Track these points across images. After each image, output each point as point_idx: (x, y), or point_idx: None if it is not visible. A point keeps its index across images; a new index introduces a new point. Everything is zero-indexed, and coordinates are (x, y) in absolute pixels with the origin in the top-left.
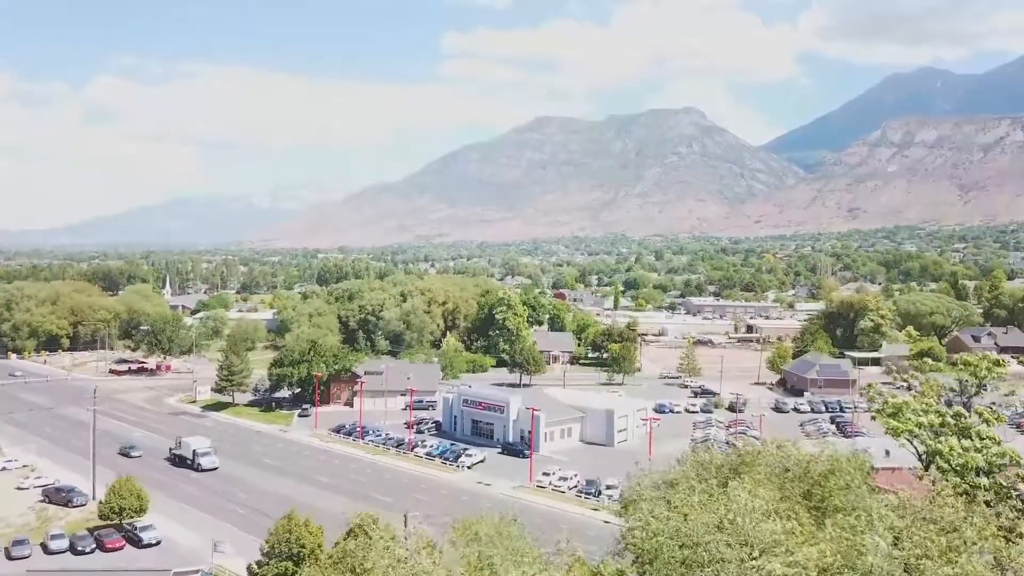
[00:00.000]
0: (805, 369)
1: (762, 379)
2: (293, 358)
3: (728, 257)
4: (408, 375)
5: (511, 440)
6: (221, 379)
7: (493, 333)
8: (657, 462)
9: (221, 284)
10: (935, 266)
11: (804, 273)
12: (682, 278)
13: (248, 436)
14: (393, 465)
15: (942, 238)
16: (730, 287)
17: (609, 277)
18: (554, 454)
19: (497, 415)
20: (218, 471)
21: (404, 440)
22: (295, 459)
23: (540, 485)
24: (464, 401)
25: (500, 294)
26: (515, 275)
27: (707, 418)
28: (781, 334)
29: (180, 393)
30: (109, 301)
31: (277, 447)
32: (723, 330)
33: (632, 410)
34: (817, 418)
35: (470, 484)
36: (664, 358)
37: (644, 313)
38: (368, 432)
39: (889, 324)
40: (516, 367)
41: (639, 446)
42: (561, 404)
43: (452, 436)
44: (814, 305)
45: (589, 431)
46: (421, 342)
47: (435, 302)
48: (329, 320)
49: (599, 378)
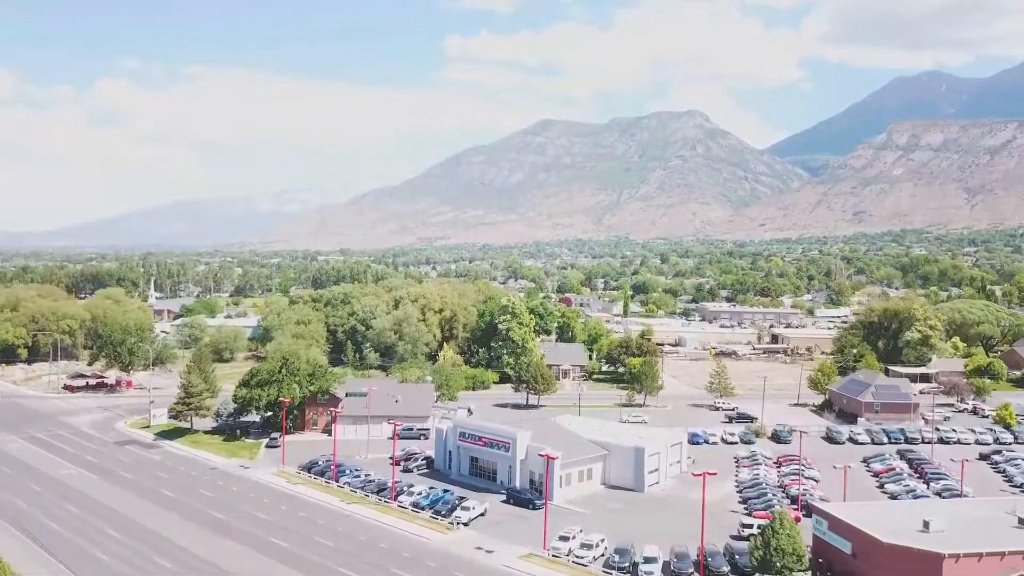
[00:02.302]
0: (858, 390)
1: (802, 399)
2: (261, 378)
3: (735, 260)
4: (396, 397)
5: (518, 486)
6: (178, 402)
7: (496, 345)
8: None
9: (214, 287)
10: (954, 270)
11: (818, 277)
12: (692, 282)
13: (200, 474)
14: (372, 520)
15: (950, 242)
16: (743, 292)
17: (615, 281)
18: (571, 504)
19: (501, 453)
20: (140, 524)
21: (387, 484)
22: (250, 510)
23: (555, 555)
24: (461, 435)
25: (503, 301)
26: (518, 278)
27: (750, 452)
28: (810, 344)
29: (136, 416)
30: (75, 307)
31: (231, 491)
32: (745, 339)
33: (665, 445)
34: (883, 453)
35: (466, 550)
36: (686, 373)
37: (657, 320)
38: (345, 471)
39: (939, 335)
40: (522, 384)
41: (674, 490)
42: (579, 439)
43: (446, 476)
44: (835, 311)
45: (613, 472)
46: (415, 354)
47: (431, 309)
48: (316, 328)
49: (616, 396)
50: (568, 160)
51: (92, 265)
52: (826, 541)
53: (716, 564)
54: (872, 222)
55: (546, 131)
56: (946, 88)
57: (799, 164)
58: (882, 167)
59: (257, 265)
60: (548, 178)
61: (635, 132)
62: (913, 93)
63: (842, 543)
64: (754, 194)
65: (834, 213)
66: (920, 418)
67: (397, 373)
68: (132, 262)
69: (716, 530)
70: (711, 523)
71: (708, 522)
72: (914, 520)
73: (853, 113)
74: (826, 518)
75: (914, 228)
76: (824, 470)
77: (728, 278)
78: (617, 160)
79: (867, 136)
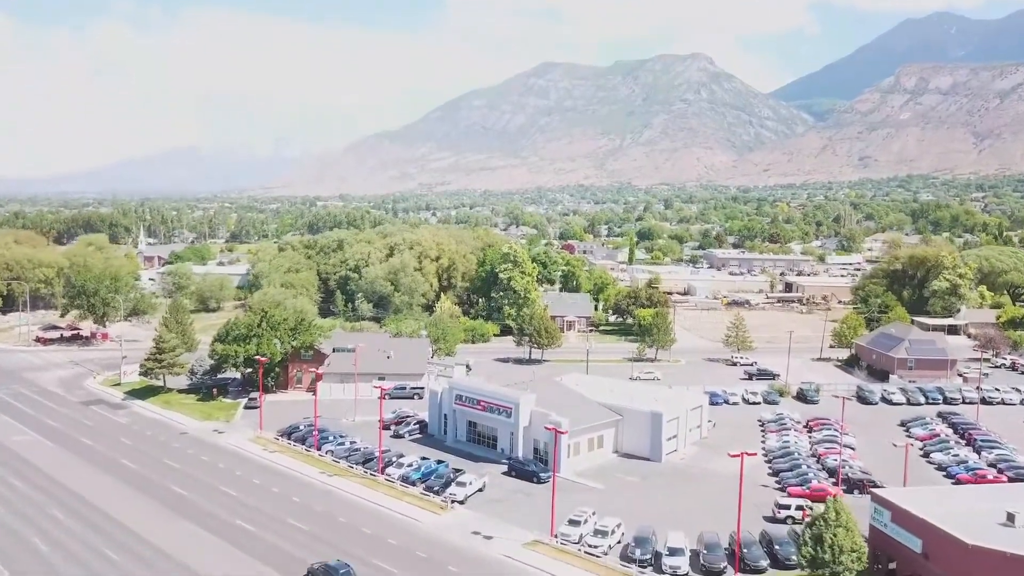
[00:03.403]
0: (889, 345)
1: (825, 353)
2: (239, 332)
3: (740, 206)
4: (388, 353)
5: (521, 456)
6: (148, 358)
7: (496, 295)
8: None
9: (209, 233)
10: (967, 216)
11: (827, 223)
12: (697, 228)
13: (167, 441)
14: (355, 497)
15: (957, 187)
16: (751, 238)
17: (619, 227)
18: (581, 477)
19: (502, 419)
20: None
21: (375, 453)
22: (218, 484)
23: (565, 542)
24: (458, 398)
25: (505, 248)
26: (520, 225)
27: (776, 415)
28: (826, 293)
29: (108, 372)
30: (53, 255)
31: (200, 461)
32: (757, 288)
33: (684, 409)
34: (923, 416)
35: (461, 536)
36: (698, 325)
37: (664, 268)
38: (328, 438)
39: (968, 285)
40: (524, 338)
41: (695, 460)
42: (588, 403)
43: (441, 443)
44: (847, 258)
45: (627, 439)
46: (411, 306)
47: (428, 257)
48: (307, 277)
49: (624, 350)
50: (570, 104)
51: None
52: (887, 535)
53: (753, 556)
54: (878, 167)
55: (548, 74)
56: (956, 30)
57: (804, 109)
58: (889, 111)
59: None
60: (550, 122)
61: (638, 75)
62: (922, 35)
63: (909, 539)
64: (758, 139)
65: (839, 158)
66: (957, 375)
67: (391, 325)
68: (128, 208)
69: (746, 510)
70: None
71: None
72: (990, 508)
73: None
74: (888, 508)
75: (920, 173)
76: (861, 436)
77: (735, 224)
78: (620, 104)
79: (874, 80)
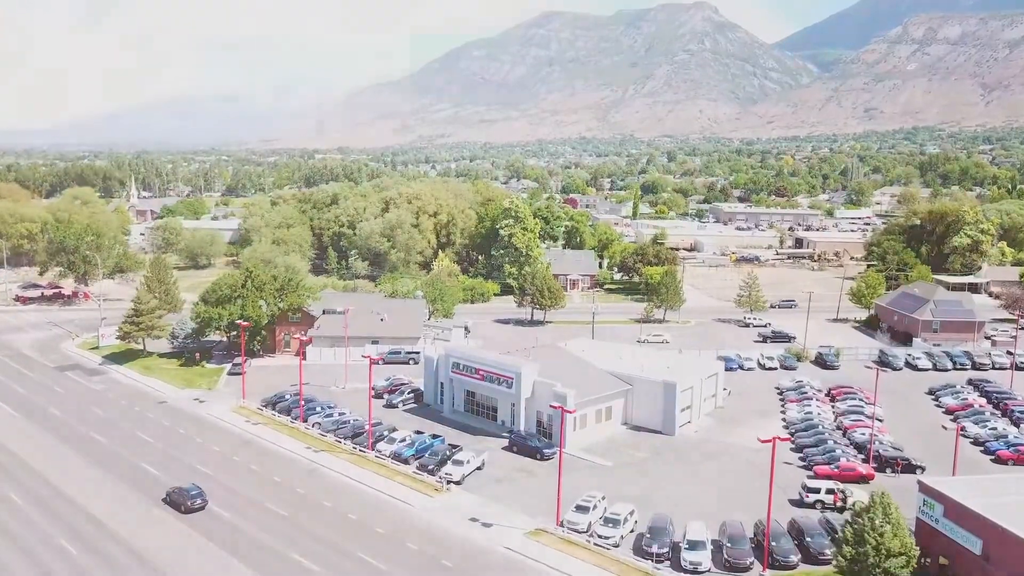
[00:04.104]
0: (913, 306)
1: (842, 314)
2: (222, 293)
3: (744, 159)
4: (382, 315)
5: (523, 430)
6: (126, 321)
7: (497, 253)
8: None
9: (204, 187)
10: (976, 168)
11: (834, 177)
12: (702, 181)
13: (143, 411)
14: (342, 476)
15: (964, 139)
16: (757, 192)
17: (622, 180)
18: (588, 453)
19: (503, 390)
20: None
21: (365, 426)
22: (195, 463)
23: (573, 528)
24: (455, 366)
25: (505, 203)
26: (520, 179)
27: (796, 382)
28: (838, 249)
29: (88, 334)
30: (35, 209)
31: (176, 435)
32: (766, 243)
33: (699, 378)
34: (953, 383)
35: (457, 523)
36: (707, 283)
37: (670, 222)
38: (315, 408)
39: (990, 241)
40: (526, 298)
41: (710, 433)
42: (595, 371)
43: (438, 414)
44: (856, 212)
45: (637, 410)
46: (407, 263)
47: (425, 213)
48: (300, 233)
49: (630, 310)
50: (572, 54)
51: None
52: (939, 532)
53: (783, 550)
54: (883, 119)
55: (549, 23)
56: None
57: (810, 59)
58: (896, 62)
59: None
60: (551, 73)
61: (641, 25)
62: None
63: (967, 539)
64: (762, 91)
65: (844, 110)
66: (984, 338)
67: (386, 284)
68: (124, 160)
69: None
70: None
71: (756, 477)
72: None
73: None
74: (941, 501)
75: (926, 125)
76: (886, 405)
77: (740, 178)
78: (623, 55)
79: (882, 30)
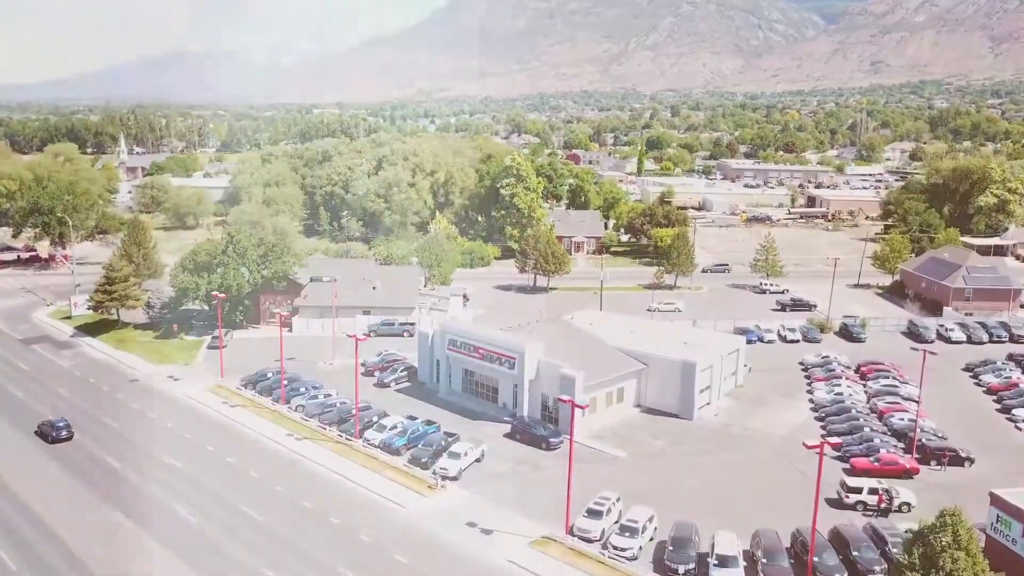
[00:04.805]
0: (943, 272)
1: (863, 279)
2: (201, 260)
3: (748, 113)
4: (374, 283)
5: (526, 415)
6: (98, 289)
7: (497, 214)
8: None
9: (199, 142)
10: (989, 123)
11: (842, 132)
12: (708, 136)
13: (112, 391)
14: (325, 470)
15: (973, 93)
16: (764, 147)
17: (625, 135)
18: (598, 441)
19: (504, 370)
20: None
21: (353, 410)
22: (162, 454)
23: (584, 537)
24: (451, 343)
25: (507, 161)
26: (521, 133)
27: (821, 357)
28: (852, 208)
29: (63, 302)
30: (13, 167)
31: (146, 419)
32: (777, 202)
33: (720, 355)
34: (995, 361)
35: (453, 529)
36: (718, 244)
37: (676, 179)
38: (299, 389)
39: (1018, 200)
40: (528, 262)
41: (731, 416)
42: (606, 349)
43: (433, 395)
44: (867, 168)
45: (652, 392)
46: (404, 225)
47: (422, 171)
48: (291, 192)
49: (639, 275)
50: (574, 6)
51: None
52: (1019, 555)
53: (827, 567)
54: (890, 73)
55: None
56: None
57: (815, 11)
58: (904, 14)
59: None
60: (552, 25)
61: None
62: None
63: None
64: (767, 43)
65: (850, 63)
66: (1020, 307)
67: (381, 247)
68: (120, 114)
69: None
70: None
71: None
72: None
73: None
74: (1021, 520)
75: (933, 79)
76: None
77: (746, 133)
78: (625, 6)
79: None
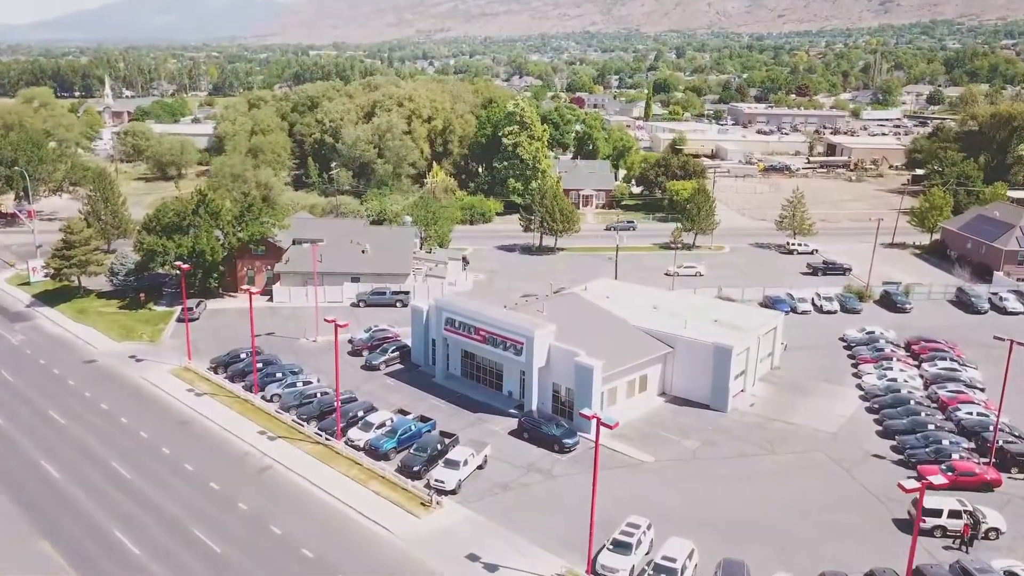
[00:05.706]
0: (993, 232)
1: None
2: (169, 220)
3: (755, 55)
4: (363, 246)
5: (535, 409)
6: (54, 255)
7: (500, 165)
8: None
9: (189, 85)
10: (1008, 65)
11: (854, 74)
12: (716, 79)
13: (65, 374)
14: (302, 480)
15: (985, 34)
16: (774, 90)
17: (630, 78)
18: (619, 441)
19: (510, 356)
20: None
21: (334, 402)
22: (111, 457)
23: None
24: (449, 322)
25: (510, 106)
26: (523, 75)
27: (866, 333)
28: (876, 156)
29: (23, 265)
30: None
31: (98, 410)
32: (794, 149)
33: (757, 335)
34: None
35: (451, 563)
36: (737, 196)
37: (686, 125)
38: (275, 375)
39: None
40: (533, 219)
41: (768, 407)
42: (625, 329)
43: (429, 379)
44: (885, 113)
45: (679, 378)
46: (399, 176)
47: (419, 118)
48: (278, 140)
49: (654, 232)
50: None
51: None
52: None
53: None
54: (899, 12)
55: None
56: None
57: None
58: None
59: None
60: None
61: None
62: None
63: None
64: None
65: (859, 3)
66: None
67: (374, 201)
68: (111, 56)
69: (867, 503)
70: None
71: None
72: None
73: None
74: None
75: (944, 19)
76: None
77: (756, 75)
78: None
79: None
